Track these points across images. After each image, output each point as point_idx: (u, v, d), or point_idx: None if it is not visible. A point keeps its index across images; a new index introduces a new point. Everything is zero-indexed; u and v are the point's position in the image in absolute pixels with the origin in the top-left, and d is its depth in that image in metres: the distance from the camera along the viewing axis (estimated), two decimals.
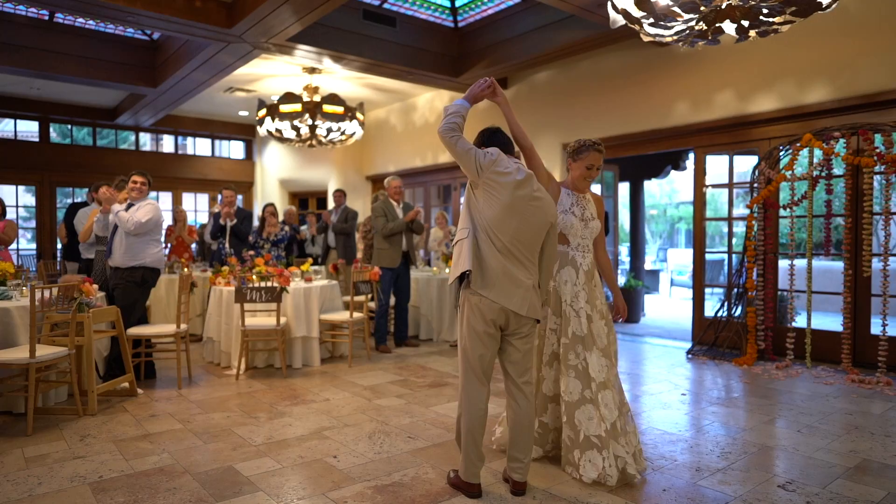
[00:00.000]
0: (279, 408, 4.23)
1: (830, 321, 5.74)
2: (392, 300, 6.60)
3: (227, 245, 7.05)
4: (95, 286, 4.34)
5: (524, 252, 2.65)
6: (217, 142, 13.01)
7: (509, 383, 2.79)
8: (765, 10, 3.61)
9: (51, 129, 11.16)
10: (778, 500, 2.73)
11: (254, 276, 5.40)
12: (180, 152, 12.70)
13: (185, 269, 7.00)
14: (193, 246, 8.52)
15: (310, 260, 6.88)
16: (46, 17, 7.71)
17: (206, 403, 4.35)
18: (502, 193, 2.62)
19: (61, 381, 4.22)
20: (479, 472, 2.75)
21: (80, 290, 4.08)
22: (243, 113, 11.62)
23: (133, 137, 12.10)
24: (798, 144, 5.46)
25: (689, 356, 6.09)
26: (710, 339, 6.15)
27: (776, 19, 3.69)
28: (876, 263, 5.20)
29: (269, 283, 5.24)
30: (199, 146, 12.98)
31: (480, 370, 2.70)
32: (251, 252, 6.50)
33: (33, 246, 11.50)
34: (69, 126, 11.59)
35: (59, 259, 9.63)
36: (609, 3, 3.90)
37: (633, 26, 3.91)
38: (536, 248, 2.70)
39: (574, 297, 3.02)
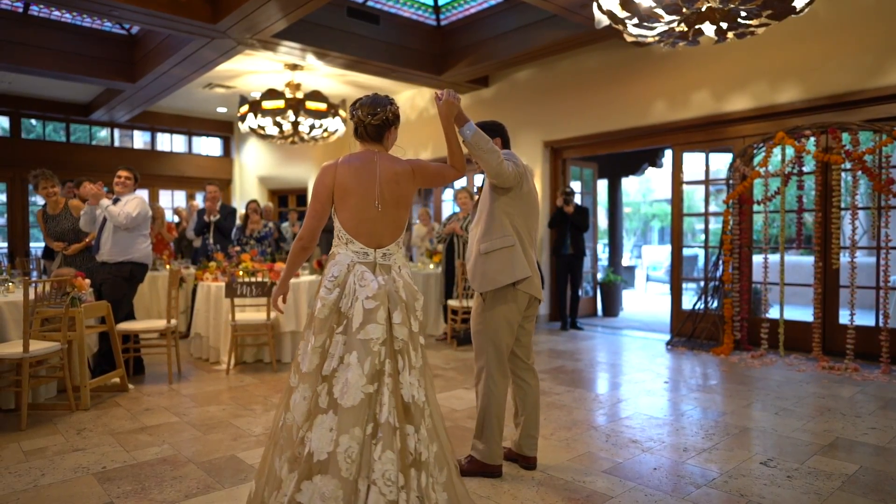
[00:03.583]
0: (273, 400, 4.27)
1: (802, 312, 5.99)
2: None
3: (211, 241, 7.03)
4: (87, 281, 4.32)
5: (535, 241, 2.93)
6: (194, 138, 12.86)
7: (519, 366, 2.97)
8: (743, 13, 3.79)
9: (22, 125, 10.91)
10: (761, 475, 2.90)
11: (241, 272, 5.41)
12: (156, 149, 12.51)
13: (168, 266, 6.96)
14: (172, 243, 8.43)
15: None
16: (21, 10, 7.55)
17: (198, 397, 4.36)
18: (530, 192, 2.87)
19: (52, 377, 4.20)
20: (501, 453, 2.91)
21: (72, 284, 4.06)
22: (221, 109, 11.51)
23: (104, 133, 11.88)
24: (771, 142, 5.69)
25: (669, 347, 6.30)
26: (688, 331, 6.36)
27: (753, 22, 3.87)
28: (844, 257, 5.46)
29: (257, 278, 5.26)
30: (176, 143, 12.81)
31: (505, 359, 2.87)
32: (237, 248, 6.50)
33: (4, 245, 11.22)
34: (41, 121, 11.33)
35: (32, 257, 9.42)
36: (595, 4, 4.04)
37: (617, 27, 4.05)
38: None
39: None
